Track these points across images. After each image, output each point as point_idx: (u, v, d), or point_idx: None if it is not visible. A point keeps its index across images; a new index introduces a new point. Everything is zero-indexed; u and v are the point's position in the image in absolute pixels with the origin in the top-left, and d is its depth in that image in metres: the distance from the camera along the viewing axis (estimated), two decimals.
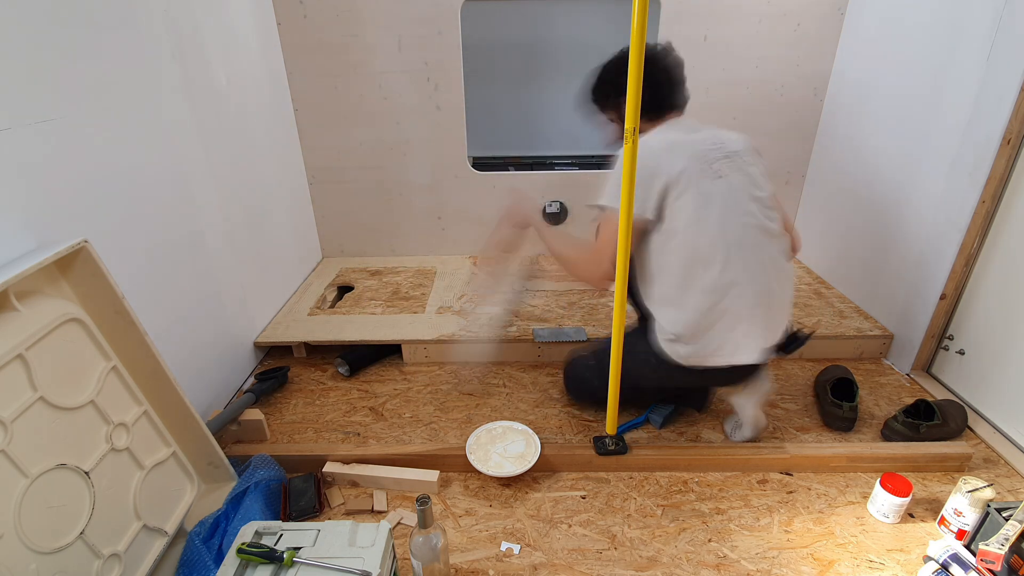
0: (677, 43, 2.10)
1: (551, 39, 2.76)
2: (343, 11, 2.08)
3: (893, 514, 1.24)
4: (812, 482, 1.37)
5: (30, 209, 1.05)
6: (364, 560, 0.96)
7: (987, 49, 1.48)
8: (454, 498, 1.35)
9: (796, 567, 1.16)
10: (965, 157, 1.56)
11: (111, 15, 1.24)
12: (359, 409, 1.67)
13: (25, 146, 1.03)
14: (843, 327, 1.90)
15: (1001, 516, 1.10)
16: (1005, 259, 1.53)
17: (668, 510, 1.30)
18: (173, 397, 1.19)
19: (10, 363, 0.88)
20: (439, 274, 2.35)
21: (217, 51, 1.66)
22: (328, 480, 1.38)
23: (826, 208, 2.26)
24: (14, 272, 0.90)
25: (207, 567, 1.08)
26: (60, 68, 1.11)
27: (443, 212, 2.47)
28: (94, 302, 1.06)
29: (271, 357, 1.93)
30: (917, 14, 1.74)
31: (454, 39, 2.13)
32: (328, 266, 2.46)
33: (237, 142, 1.78)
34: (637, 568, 1.16)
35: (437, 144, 2.32)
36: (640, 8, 1.00)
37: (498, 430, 1.49)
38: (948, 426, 1.48)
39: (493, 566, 1.17)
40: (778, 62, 2.17)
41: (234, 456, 1.36)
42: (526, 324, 1.93)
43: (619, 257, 1.20)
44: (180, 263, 1.48)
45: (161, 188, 1.41)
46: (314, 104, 2.23)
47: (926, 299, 1.70)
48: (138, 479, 1.09)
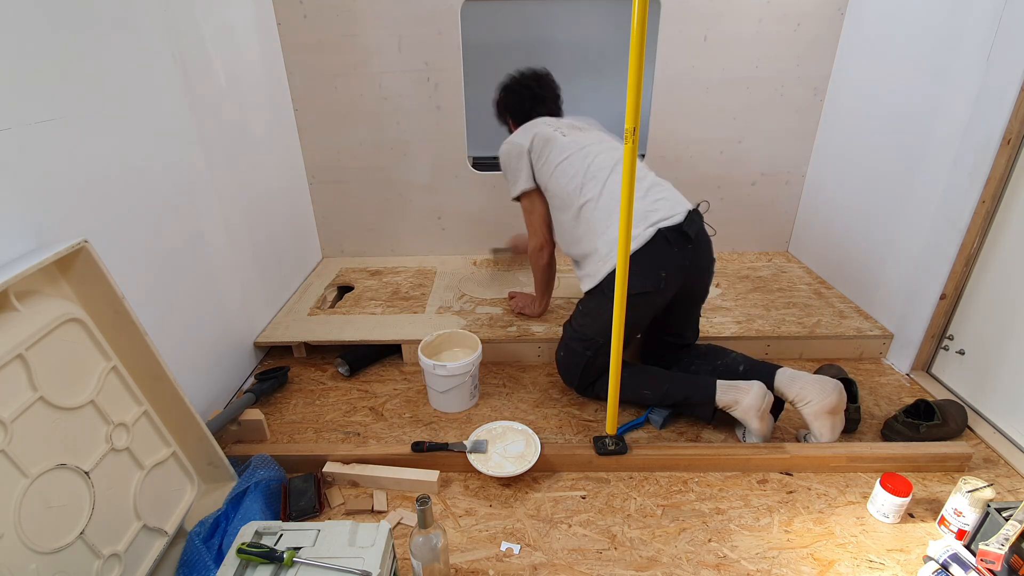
0: (677, 43, 2.13)
1: (551, 39, 2.76)
2: (343, 11, 2.08)
3: (893, 514, 1.24)
4: (812, 482, 1.37)
5: (30, 209, 1.05)
6: (364, 560, 0.96)
7: (987, 49, 1.48)
8: (454, 498, 1.35)
9: (796, 567, 1.16)
10: (965, 157, 1.56)
11: (111, 15, 1.24)
12: (359, 409, 1.67)
13: (25, 146, 1.03)
14: (843, 327, 1.90)
15: (1001, 516, 1.10)
16: (1005, 259, 1.53)
17: (668, 510, 1.30)
18: (173, 397, 1.19)
19: (10, 363, 0.88)
20: (439, 274, 2.35)
21: (217, 51, 1.66)
22: (328, 480, 1.38)
23: (826, 208, 2.26)
24: (14, 272, 0.90)
25: (207, 567, 1.08)
26: (60, 68, 1.11)
27: (443, 212, 2.47)
28: (94, 302, 1.06)
29: (271, 357, 1.93)
30: (917, 14, 1.74)
31: (454, 39, 2.13)
32: (328, 266, 2.46)
33: (237, 142, 1.78)
34: (637, 568, 1.16)
35: (437, 144, 2.32)
36: (640, 8, 1.00)
37: (498, 430, 1.49)
38: (948, 426, 1.48)
39: (493, 566, 1.17)
40: (778, 62, 2.17)
41: (234, 456, 1.36)
42: (525, 324, 1.93)
43: (619, 257, 1.20)
44: (180, 263, 1.48)
45: (161, 188, 1.41)
46: (314, 104, 2.23)
47: (926, 299, 1.70)
48: (138, 479, 1.09)
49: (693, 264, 1.52)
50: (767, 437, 1.47)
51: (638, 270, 1.34)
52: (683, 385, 1.54)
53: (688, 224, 1.48)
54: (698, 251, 1.52)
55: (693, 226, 1.49)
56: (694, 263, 1.52)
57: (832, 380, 1.44)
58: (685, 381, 1.54)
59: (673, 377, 1.56)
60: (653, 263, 1.46)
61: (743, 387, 1.46)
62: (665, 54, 2.16)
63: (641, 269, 1.41)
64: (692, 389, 1.52)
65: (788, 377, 1.48)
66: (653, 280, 1.46)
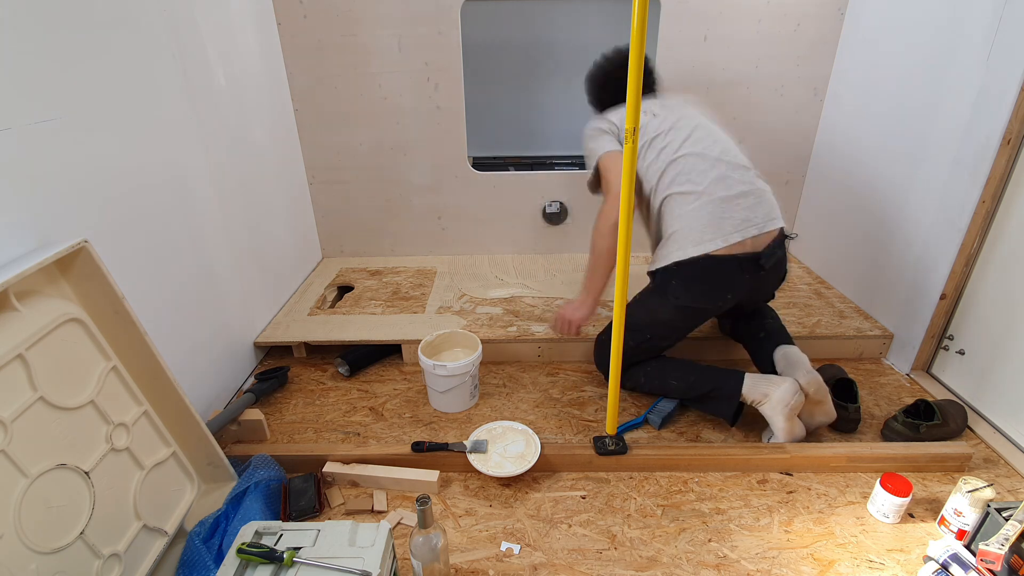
0: (677, 43, 2.13)
1: (551, 39, 2.76)
2: (343, 11, 2.08)
3: (893, 514, 1.24)
4: (812, 482, 1.37)
5: (30, 209, 1.05)
6: (364, 560, 0.96)
7: (987, 49, 1.48)
8: (454, 498, 1.34)
9: (796, 567, 1.16)
10: (965, 157, 1.56)
11: (111, 15, 1.24)
12: (359, 409, 1.67)
13: (25, 146, 1.03)
14: (843, 327, 1.90)
15: (1001, 516, 1.10)
16: (1005, 259, 1.53)
17: (668, 510, 1.30)
18: (173, 397, 1.19)
19: (10, 363, 0.88)
20: (439, 274, 2.35)
21: (217, 51, 1.66)
22: (328, 480, 1.38)
23: (826, 208, 2.26)
24: (14, 272, 0.90)
25: (207, 567, 1.08)
26: (60, 68, 1.11)
27: (443, 212, 2.47)
28: (94, 302, 1.06)
29: (271, 357, 1.93)
30: (917, 14, 1.74)
31: (454, 39, 2.13)
32: (328, 266, 2.46)
33: (237, 142, 1.78)
34: (637, 568, 1.16)
35: (437, 144, 2.32)
36: (640, 8, 1.00)
37: (498, 430, 1.49)
38: (948, 426, 1.47)
39: (493, 566, 1.17)
40: (778, 62, 2.17)
41: (234, 456, 1.36)
42: (525, 324, 1.93)
43: (619, 258, 1.20)
44: (180, 263, 1.48)
45: (161, 188, 1.41)
46: (314, 104, 2.23)
47: (926, 299, 1.70)
48: (138, 479, 1.09)
49: (762, 287, 1.50)
50: (794, 439, 1.43)
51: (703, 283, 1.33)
52: (711, 376, 1.51)
53: (767, 257, 1.43)
54: (770, 276, 1.49)
55: (772, 258, 1.44)
56: (763, 286, 1.51)
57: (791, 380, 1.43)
58: (713, 373, 1.52)
59: (702, 368, 1.55)
60: (721, 283, 1.43)
61: (775, 380, 1.43)
62: (665, 54, 2.16)
63: (706, 285, 1.40)
64: (720, 380, 1.49)
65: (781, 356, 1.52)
66: (716, 299, 1.44)
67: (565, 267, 2.40)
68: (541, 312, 2.01)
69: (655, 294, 1.53)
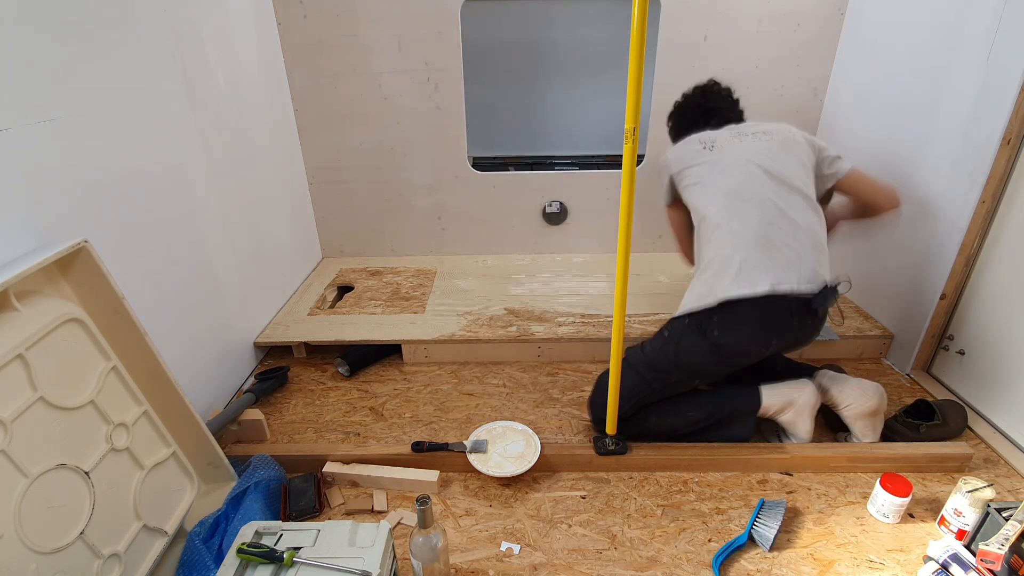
0: (677, 43, 2.13)
1: (551, 39, 2.76)
2: (343, 11, 2.08)
3: (893, 514, 1.24)
4: (812, 482, 1.37)
5: (30, 209, 1.05)
6: (364, 560, 0.96)
7: (987, 49, 1.48)
8: (454, 498, 1.35)
9: (796, 567, 1.16)
10: (965, 157, 1.56)
11: (110, 15, 1.24)
12: (359, 409, 1.67)
13: (25, 146, 1.03)
14: (843, 327, 1.90)
15: (1001, 516, 1.10)
16: (1005, 259, 1.52)
17: (668, 510, 1.30)
18: (173, 397, 1.19)
19: (10, 363, 0.88)
20: (439, 274, 2.35)
21: (217, 51, 1.66)
22: (328, 480, 1.38)
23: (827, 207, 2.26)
24: (14, 272, 0.90)
25: (207, 567, 1.08)
26: (60, 68, 1.11)
27: (443, 212, 2.47)
28: (94, 302, 1.06)
29: (271, 357, 1.93)
30: (917, 14, 1.74)
31: (454, 39, 2.13)
32: (328, 266, 2.46)
33: (237, 142, 1.78)
34: (637, 568, 1.16)
35: (437, 144, 2.32)
36: (640, 8, 1.00)
37: (498, 430, 1.49)
38: (948, 426, 1.47)
39: (493, 566, 1.17)
40: (778, 62, 2.17)
41: (234, 456, 1.36)
42: (525, 324, 1.93)
43: (619, 256, 1.20)
44: (180, 263, 1.48)
45: (161, 188, 1.41)
46: (314, 104, 2.23)
47: (926, 299, 1.70)
48: (138, 479, 1.09)
49: (802, 336, 1.41)
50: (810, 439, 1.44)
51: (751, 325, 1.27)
52: (726, 398, 1.45)
53: (819, 301, 1.32)
54: (816, 326, 1.40)
55: (824, 304, 1.32)
56: (804, 335, 1.41)
57: (872, 384, 1.43)
58: (727, 393, 1.47)
59: (714, 393, 1.48)
60: (771, 326, 1.34)
61: (797, 385, 1.42)
62: (665, 54, 2.16)
63: (754, 326, 1.32)
64: (737, 399, 1.44)
65: (829, 379, 1.46)
66: (761, 343, 1.35)
67: (565, 267, 2.40)
68: (541, 312, 2.01)
69: (687, 332, 1.39)
